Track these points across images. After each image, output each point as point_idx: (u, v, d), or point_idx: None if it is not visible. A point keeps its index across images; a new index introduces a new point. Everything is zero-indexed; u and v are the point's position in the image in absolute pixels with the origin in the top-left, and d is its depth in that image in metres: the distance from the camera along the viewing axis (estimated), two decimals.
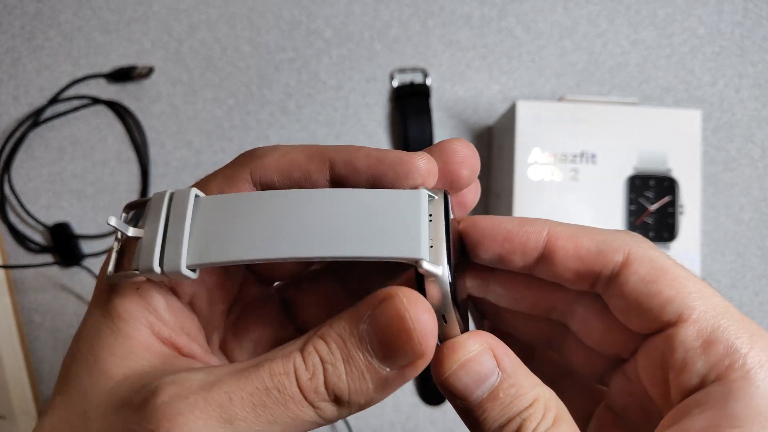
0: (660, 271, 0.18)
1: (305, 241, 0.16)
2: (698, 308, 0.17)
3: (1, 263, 0.50)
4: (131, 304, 0.18)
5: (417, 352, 0.16)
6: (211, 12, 0.53)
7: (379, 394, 0.16)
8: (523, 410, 0.17)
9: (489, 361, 0.17)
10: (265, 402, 0.15)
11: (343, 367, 0.16)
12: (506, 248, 0.19)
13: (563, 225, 0.20)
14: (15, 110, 0.52)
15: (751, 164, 0.53)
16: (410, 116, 0.51)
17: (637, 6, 0.54)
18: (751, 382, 0.16)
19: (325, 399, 0.16)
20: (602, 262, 0.19)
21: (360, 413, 0.51)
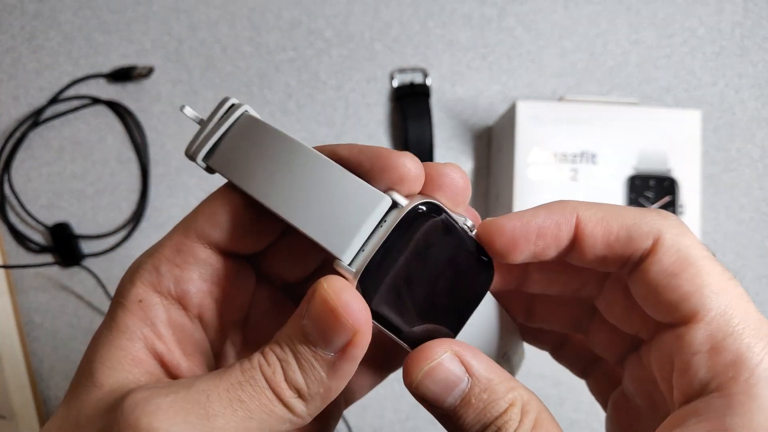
0: (685, 263, 0.17)
1: (268, 188, 0.18)
2: (714, 309, 0.16)
3: (1, 263, 0.50)
4: (130, 315, 0.18)
5: (348, 329, 0.16)
6: (212, 12, 0.53)
7: (334, 380, 0.17)
8: (499, 416, 0.17)
9: (456, 368, 0.17)
10: (240, 396, 0.16)
11: (294, 362, 0.17)
12: (541, 245, 0.19)
13: (591, 207, 0.19)
14: (15, 110, 0.52)
15: (751, 164, 0.53)
16: (410, 116, 0.51)
17: (638, 6, 0.54)
18: (754, 398, 0.15)
19: (291, 395, 0.17)
20: (632, 248, 0.18)
21: (360, 413, 0.52)
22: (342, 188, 0.17)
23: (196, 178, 0.52)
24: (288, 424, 0.17)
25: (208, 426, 0.15)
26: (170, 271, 0.18)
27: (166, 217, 0.52)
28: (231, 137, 0.19)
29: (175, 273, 0.18)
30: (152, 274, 0.18)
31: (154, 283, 0.18)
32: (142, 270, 0.19)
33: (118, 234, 0.52)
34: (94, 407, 0.17)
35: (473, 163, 0.53)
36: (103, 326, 0.18)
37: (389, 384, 0.52)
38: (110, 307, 0.19)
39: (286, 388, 0.16)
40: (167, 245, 0.19)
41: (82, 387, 0.18)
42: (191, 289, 0.19)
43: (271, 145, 0.19)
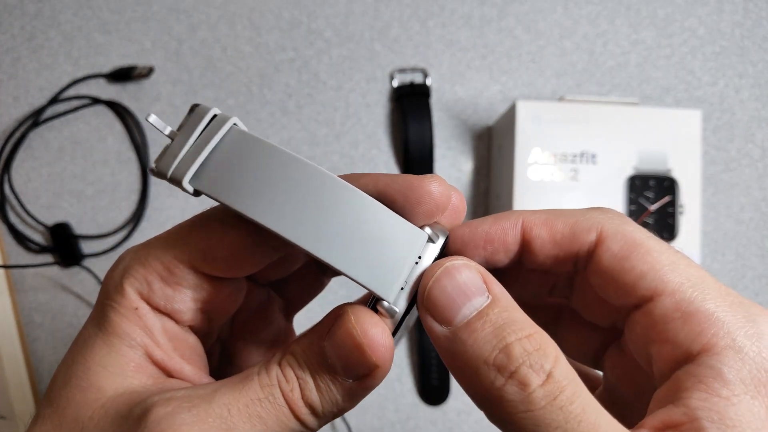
0: (633, 245, 0.18)
1: (298, 225, 0.17)
2: (673, 280, 0.17)
3: (2, 263, 0.50)
4: (128, 322, 0.18)
5: (370, 364, 0.17)
6: (212, 12, 0.53)
7: (348, 403, 0.17)
8: (524, 338, 0.16)
9: (476, 278, 0.17)
10: (259, 413, 0.16)
11: (312, 382, 0.17)
12: (489, 250, 0.19)
13: (536, 212, 0.19)
14: (15, 110, 0.52)
15: (751, 164, 0.53)
16: (410, 116, 0.51)
17: (637, 6, 0.54)
18: (739, 350, 0.16)
19: (306, 412, 0.17)
20: (578, 243, 0.18)
21: (360, 413, 0.52)
22: (380, 225, 0.17)
23: None
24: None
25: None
26: (162, 290, 0.18)
27: (166, 217, 0.52)
28: (223, 156, 0.17)
29: (167, 292, 0.18)
30: (143, 286, 0.18)
31: (146, 295, 0.18)
32: (132, 278, 0.18)
33: (118, 234, 0.52)
34: (100, 412, 0.17)
35: (473, 163, 0.53)
36: (96, 329, 0.18)
37: (389, 384, 0.52)
38: (99, 307, 0.19)
39: (303, 406, 0.17)
40: (159, 260, 0.18)
41: (76, 389, 0.17)
42: (182, 308, 0.19)
43: (285, 171, 0.17)
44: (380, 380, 0.17)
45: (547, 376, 0.15)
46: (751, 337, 0.16)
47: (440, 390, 0.51)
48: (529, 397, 0.15)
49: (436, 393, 0.51)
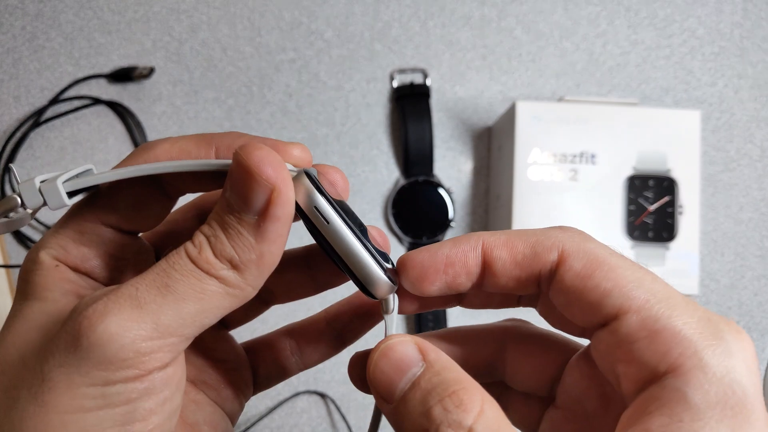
0: (595, 263, 0.17)
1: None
2: (638, 297, 0.17)
3: (2, 263, 0.51)
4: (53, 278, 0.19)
5: (264, 185, 0.16)
6: (212, 13, 0.53)
7: (263, 243, 0.17)
8: (446, 397, 0.16)
9: (411, 351, 0.17)
10: (166, 282, 0.16)
11: (222, 234, 0.17)
12: (451, 274, 0.19)
13: (496, 233, 0.19)
14: (16, 110, 0.52)
15: (750, 164, 0.54)
16: (410, 116, 0.52)
17: (637, 7, 0.54)
18: (706, 370, 0.15)
19: (222, 267, 0.17)
20: (539, 263, 0.18)
21: (360, 413, 0.52)
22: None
23: None
24: (230, 298, 0.17)
25: (141, 313, 0.16)
26: (77, 249, 0.19)
27: None
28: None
29: (81, 251, 0.19)
30: (58, 251, 0.19)
31: (63, 258, 0.19)
32: (46, 247, 0.19)
33: None
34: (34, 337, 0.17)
35: (473, 163, 0.53)
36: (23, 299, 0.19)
37: None
38: (22, 284, 0.19)
39: (216, 262, 0.17)
40: (69, 227, 0.19)
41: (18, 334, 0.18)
42: (98, 263, 0.20)
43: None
44: (283, 208, 0.17)
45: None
46: (719, 356, 0.15)
47: None
48: None
49: None
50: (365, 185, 0.53)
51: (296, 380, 0.51)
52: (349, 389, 0.51)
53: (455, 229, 0.53)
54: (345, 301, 0.25)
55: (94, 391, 0.16)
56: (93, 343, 0.15)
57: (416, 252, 0.20)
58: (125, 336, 0.15)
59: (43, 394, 0.16)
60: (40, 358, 0.16)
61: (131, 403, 0.16)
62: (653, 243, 0.45)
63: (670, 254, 0.45)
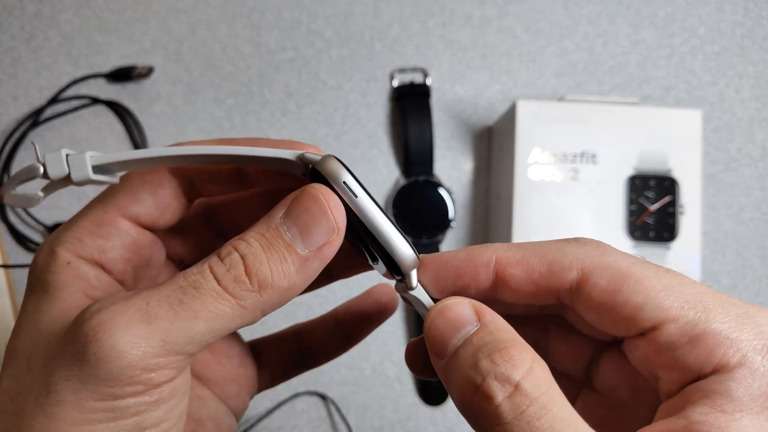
0: (620, 277, 0.17)
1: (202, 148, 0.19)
2: (672, 306, 0.17)
3: (1, 263, 0.50)
4: (63, 275, 0.18)
5: (331, 227, 0.17)
6: (211, 12, 0.53)
7: (300, 275, 0.17)
8: (496, 352, 0.16)
9: (467, 311, 0.17)
10: (181, 299, 0.16)
11: (263, 254, 0.17)
12: (459, 285, 0.19)
13: (511, 248, 0.19)
14: (15, 110, 0.52)
15: (752, 164, 0.53)
16: (410, 116, 0.51)
17: (638, 6, 0.54)
18: (750, 366, 0.16)
19: (246, 288, 0.16)
20: (557, 282, 0.18)
21: (360, 413, 0.52)
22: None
23: None
24: (239, 320, 0.17)
25: (150, 329, 0.16)
26: (93, 241, 0.19)
27: None
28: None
29: (99, 243, 0.19)
30: (74, 244, 0.19)
31: (77, 251, 0.19)
32: (61, 241, 0.19)
33: None
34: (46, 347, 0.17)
35: (473, 163, 0.53)
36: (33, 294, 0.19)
37: (389, 384, 0.51)
38: (32, 280, 0.19)
39: (243, 281, 0.16)
40: (87, 219, 0.19)
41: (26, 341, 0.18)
42: (114, 255, 0.19)
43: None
44: (334, 251, 0.17)
45: (515, 388, 0.15)
46: (760, 351, 0.16)
47: (440, 390, 0.51)
48: (496, 411, 0.15)
49: (436, 393, 0.51)
50: (365, 185, 0.52)
51: (296, 381, 0.51)
52: (349, 390, 0.51)
53: (455, 229, 0.52)
54: (354, 301, 0.26)
55: (103, 405, 0.16)
56: (100, 358, 0.15)
57: (432, 257, 0.20)
58: (132, 353, 0.15)
59: (51, 406, 0.16)
60: (47, 367, 0.16)
61: (141, 415, 0.16)
62: (654, 243, 0.45)
63: (671, 254, 0.45)
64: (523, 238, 0.45)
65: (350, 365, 0.52)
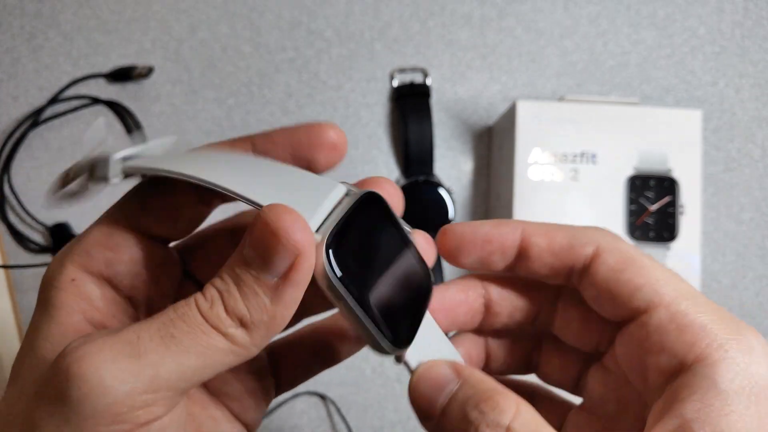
0: (628, 260, 0.19)
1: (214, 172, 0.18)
2: (667, 294, 0.18)
3: (1, 263, 0.50)
4: (65, 294, 0.18)
5: (290, 250, 0.16)
6: (211, 12, 0.53)
7: (278, 306, 0.16)
8: (481, 402, 0.17)
9: (446, 371, 0.18)
10: (172, 333, 0.16)
11: (236, 290, 0.16)
12: (487, 250, 0.20)
13: (536, 223, 0.21)
14: (15, 110, 0.52)
15: (752, 164, 0.53)
16: (410, 116, 0.51)
17: (638, 6, 0.54)
18: (730, 361, 0.16)
19: (231, 325, 0.16)
20: (574, 255, 0.20)
21: (360, 413, 0.52)
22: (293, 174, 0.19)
23: None
24: (233, 356, 0.16)
25: (139, 364, 0.15)
26: (101, 254, 0.19)
27: None
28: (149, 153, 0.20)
29: (106, 255, 0.19)
30: (82, 257, 0.19)
31: (85, 264, 0.18)
32: (70, 254, 0.19)
33: None
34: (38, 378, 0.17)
35: (473, 163, 0.53)
36: (37, 310, 0.18)
37: (389, 384, 0.52)
38: (40, 294, 0.19)
39: (226, 318, 0.16)
40: (95, 231, 0.19)
41: (25, 366, 0.18)
42: (122, 269, 0.19)
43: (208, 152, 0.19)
44: (304, 274, 0.16)
45: (506, 431, 0.16)
46: (741, 350, 0.17)
47: None
48: None
49: None
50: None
51: None
52: (350, 390, 0.51)
53: None
54: None
55: None
56: (84, 395, 0.15)
57: (458, 224, 0.21)
58: (119, 389, 0.15)
59: None
60: (34, 400, 0.16)
61: None
62: (654, 243, 0.45)
63: (671, 254, 0.45)
64: None
65: (350, 365, 0.52)
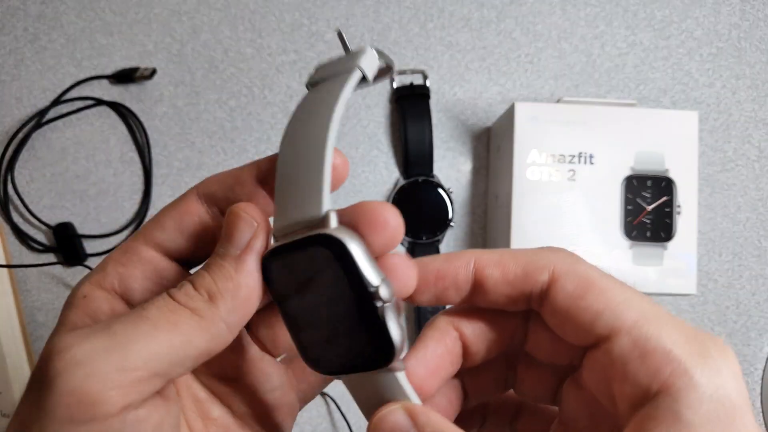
0: (587, 284, 0.18)
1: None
2: (629, 318, 0.17)
3: (5, 263, 0.51)
4: (75, 311, 0.19)
5: (249, 221, 0.18)
6: (213, 14, 0.54)
7: (241, 274, 0.18)
8: None
9: (401, 418, 0.18)
10: (142, 314, 0.17)
11: (204, 271, 0.18)
12: (440, 286, 0.20)
13: (489, 252, 0.20)
14: (18, 111, 0.53)
15: (748, 164, 0.54)
16: (410, 117, 0.52)
17: (635, 8, 0.54)
18: (696, 388, 0.16)
19: (199, 299, 0.17)
20: (530, 284, 0.19)
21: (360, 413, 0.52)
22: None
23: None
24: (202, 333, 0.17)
25: (112, 341, 0.16)
26: (114, 269, 0.19)
27: None
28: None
29: (119, 270, 0.19)
30: (98, 273, 0.19)
31: (99, 281, 0.19)
32: (90, 273, 0.20)
33: (121, 234, 0.52)
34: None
35: (472, 164, 0.54)
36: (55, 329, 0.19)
37: None
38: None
39: (195, 294, 0.17)
40: (116, 250, 0.20)
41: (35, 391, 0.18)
42: (134, 285, 0.19)
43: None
44: (261, 241, 0.18)
45: None
46: (707, 374, 0.16)
47: None
48: None
49: None
50: (365, 185, 0.53)
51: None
52: None
53: (454, 228, 0.53)
54: None
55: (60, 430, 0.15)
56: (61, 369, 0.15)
57: (410, 262, 0.20)
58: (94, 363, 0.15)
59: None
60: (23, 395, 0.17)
61: None
62: (651, 243, 0.46)
63: (668, 254, 0.46)
64: (522, 237, 0.45)
65: None
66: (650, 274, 0.45)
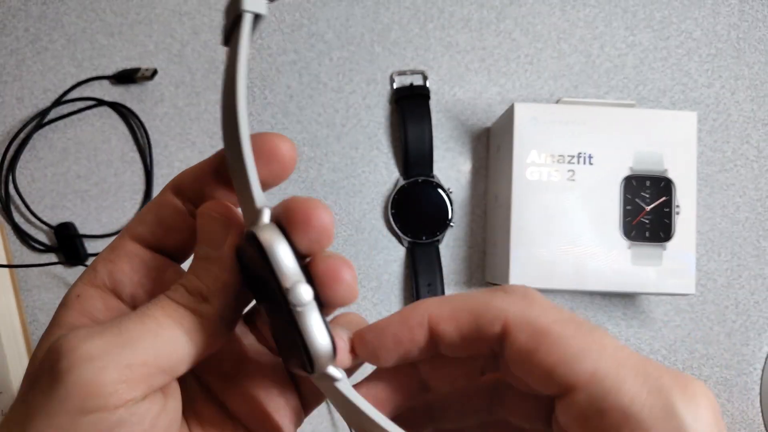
0: (538, 336, 0.17)
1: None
2: (583, 372, 0.16)
3: (6, 263, 0.51)
4: (68, 311, 0.19)
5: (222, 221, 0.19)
6: (214, 15, 0.54)
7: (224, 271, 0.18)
8: None
9: None
10: (147, 313, 0.17)
11: (191, 274, 0.19)
12: (401, 351, 0.19)
13: (442, 303, 0.19)
14: (20, 111, 0.53)
15: (747, 165, 0.54)
16: (410, 118, 0.52)
17: (634, 9, 0.55)
18: None
19: (194, 301, 0.18)
20: (485, 336, 0.18)
21: None
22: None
23: None
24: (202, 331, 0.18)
25: (121, 338, 0.17)
26: (104, 267, 0.20)
27: None
28: None
29: (108, 267, 0.20)
30: (89, 273, 0.20)
31: (91, 279, 0.20)
32: (82, 274, 0.20)
33: None
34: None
35: (472, 164, 0.54)
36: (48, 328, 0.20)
37: None
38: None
39: (188, 296, 0.18)
40: (104, 249, 0.20)
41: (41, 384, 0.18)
42: (124, 279, 0.20)
43: None
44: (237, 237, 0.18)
45: None
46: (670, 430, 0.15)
47: None
48: None
49: None
50: (365, 185, 0.53)
51: None
52: None
53: (454, 228, 0.53)
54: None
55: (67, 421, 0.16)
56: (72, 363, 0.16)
57: (366, 330, 0.19)
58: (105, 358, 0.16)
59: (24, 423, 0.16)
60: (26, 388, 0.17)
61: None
62: (650, 243, 0.46)
63: (667, 254, 0.46)
64: (521, 237, 0.45)
65: None
66: (649, 274, 0.45)
